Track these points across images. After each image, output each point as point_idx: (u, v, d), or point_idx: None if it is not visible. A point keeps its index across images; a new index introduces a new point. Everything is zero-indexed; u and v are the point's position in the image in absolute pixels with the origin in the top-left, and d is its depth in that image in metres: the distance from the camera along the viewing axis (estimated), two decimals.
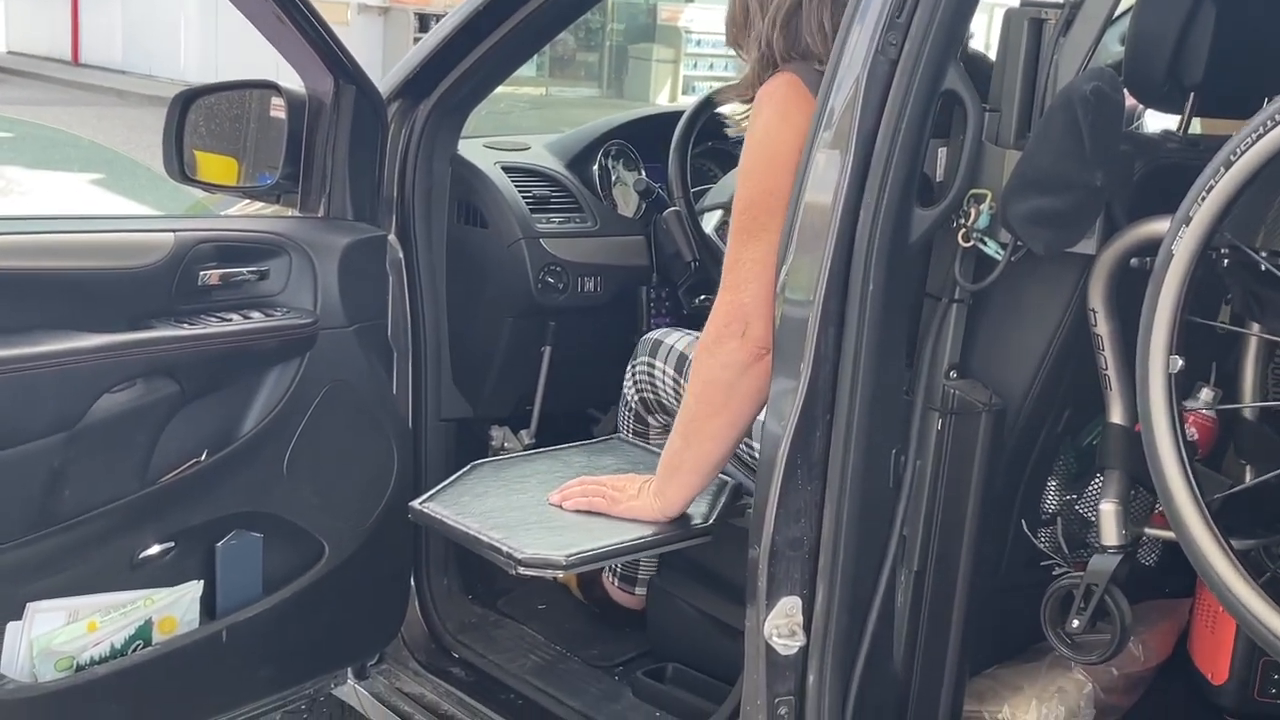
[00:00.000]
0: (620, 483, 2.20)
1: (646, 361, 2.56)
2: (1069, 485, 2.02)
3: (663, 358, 2.52)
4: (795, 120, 1.91)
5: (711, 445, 2.06)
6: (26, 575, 2.01)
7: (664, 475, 2.12)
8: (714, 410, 2.02)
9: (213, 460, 2.20)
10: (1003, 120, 1.81)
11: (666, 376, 2.51)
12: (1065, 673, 2.09)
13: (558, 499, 2.21)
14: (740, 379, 1.97)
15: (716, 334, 1.98)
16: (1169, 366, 1.54)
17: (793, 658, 1.81)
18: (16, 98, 15.41)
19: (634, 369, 2.60)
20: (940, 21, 1.70)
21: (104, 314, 2.06)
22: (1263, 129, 1.45)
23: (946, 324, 1.86)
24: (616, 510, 2.15)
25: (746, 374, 1.96)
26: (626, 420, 2.66)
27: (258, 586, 2.31)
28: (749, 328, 1.95)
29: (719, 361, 1.98)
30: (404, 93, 2.59)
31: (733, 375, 1.97)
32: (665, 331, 2.60)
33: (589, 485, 2.22)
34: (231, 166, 2.56)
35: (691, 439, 2.06)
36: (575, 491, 2.21)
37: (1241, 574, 1.52)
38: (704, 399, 2.03)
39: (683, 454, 2.08)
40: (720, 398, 2.00)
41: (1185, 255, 1.52)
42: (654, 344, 2.56)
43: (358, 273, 2.38)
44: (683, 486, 2.11)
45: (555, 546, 2.05)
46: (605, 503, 2.16)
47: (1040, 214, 1.71)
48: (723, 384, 1.99)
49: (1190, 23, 1.77)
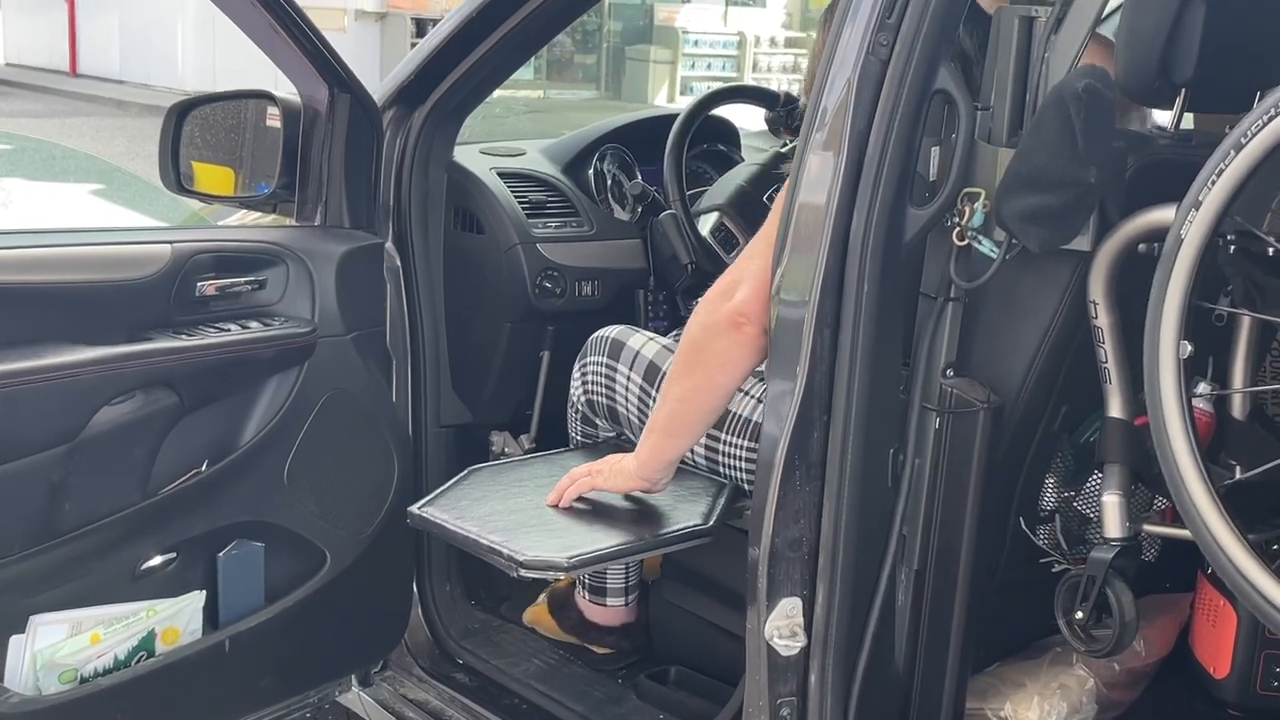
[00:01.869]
0: (605, 460, 2.21)
1: (604, 363, 2.52)
2: (1067, 482, 2.02)
3: (627, 363, 2.48)
4: None
5: (680, 406, 2.04)
6: (29, 588, 2.02)
7: (641, 440, 2.13)
8: (686, 370, 2.01)
9: (213, 470, 2.21)
10: (995, 118, 1.81)
11: (632, 385, 2.46)
12: (1067, 669, 2.09)
13: (553, 499, 2.20)
14: (713, 341, 1.95)
15: (706, 297, 1.98)
16: (1179, 353, 1.54)
17: (794, 658, 1.81)
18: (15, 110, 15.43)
19: (584, 368, 2.56)
20: (931, 21, 1.70)
21: (102, 326, 2.07)
22: (1274, 111, 1.45)
23: (942, 323, 1.86)
24: (599, 484, 2.17)
25: (721, 338, 1.94)
26: (574, 423, 2.64)
27: (260, 596, 2.32)
28: (735, 291, 1.92)
29: (698, 321, 1.98)
30: (399, 100, 2.59)
31: (708, 337, 1.95)
32: (623, 331, 2.54)
33: (576, 472, 2.22)
34: (228, 177, 2.56)
35: (665, 399, 2.06)
36: (564, 483, 2.21)
37: (1257, 560, 1.51)
38: (682, 357, 2.02)
39: (658, 414, 2.09)
40: (694, 356, 1.99)
41: (1195, 240, 1.52)
42: (613, 344, 2.52)
43: (355, 281, 2.39)
44: (655, 447, 2.10)
45: (556, 549, 2.04)
46: (590, 480, 2.18)
47: (1034, 212, 1.71)
48: (698, 343, 1.97)
49: (1180, 19, 1.77)
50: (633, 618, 2.65)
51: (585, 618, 2.65)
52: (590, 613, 2.65)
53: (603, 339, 2.54)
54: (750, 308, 1.89)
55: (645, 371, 2.44)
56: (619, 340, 2.51)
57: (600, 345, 2.53)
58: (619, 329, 2.55)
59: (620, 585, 2.61)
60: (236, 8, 2.29)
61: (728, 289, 1.94)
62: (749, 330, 1.90)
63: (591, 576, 2.61)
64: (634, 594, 2.63)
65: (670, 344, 2.44)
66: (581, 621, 2.66)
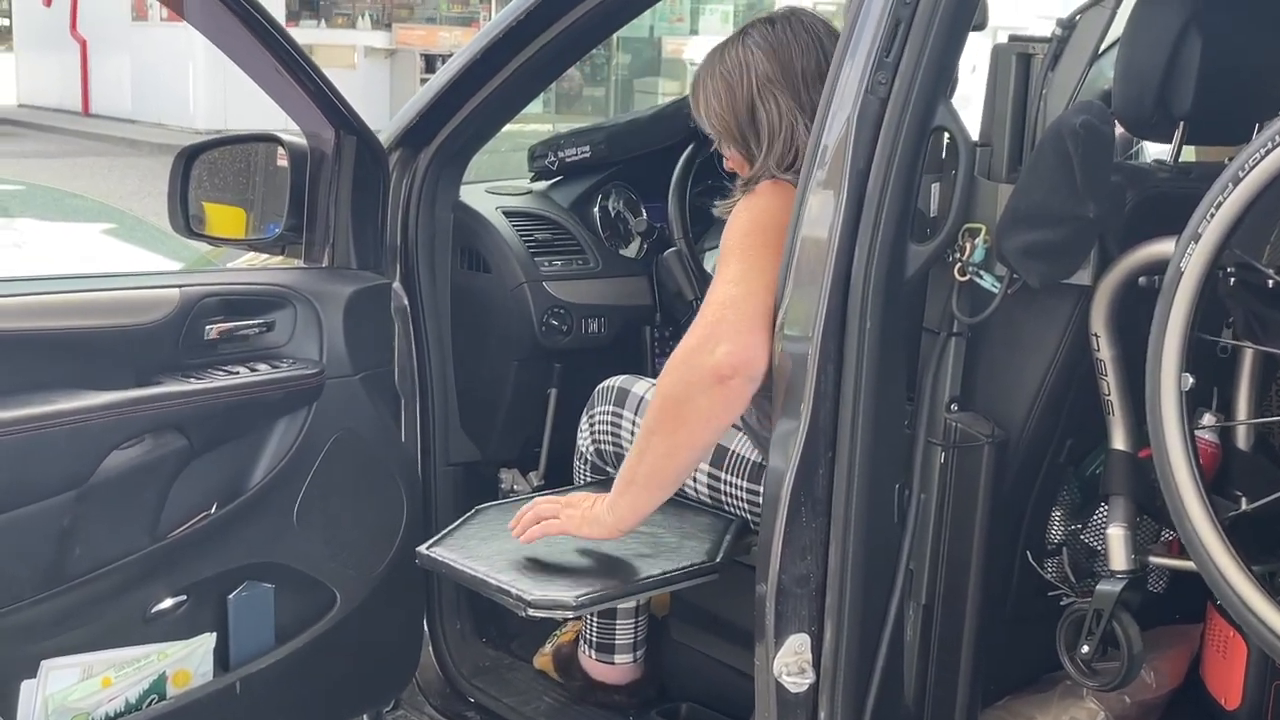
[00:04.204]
0: (575, 499, 2.15)
1: (611, 411, 2.50)
2: (1074, 515, 2.02)
3: (632, 408, 2.46)
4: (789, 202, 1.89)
5: (664, 462, 2.00)
6: (40, 633, 2.02)
7: (618, 489, 2.07)
8: (667, 429, 1.97)
9: (222, 513, 2.22)
10: (994, 155, 1.83)
11: (637, 428, 2.36)
12: (1078, 702, 2.08)
13: (517, 531, 2.15)
14: (697, 397, 1.91)
15: (684, 351, 1.93)
16: (1180, 385, 1.54)
17: (803, 695, 1.81)
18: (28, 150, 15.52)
19: (592, 418, 2.54)
20: (929, 59, 1.72)
21: (111, 371, 2.08)
22: (1271, 144, 1.46)
23: (945, 358, 1.87)
24: (570, 528, 2.10)
25: (705, 394, 1.90)
26: (582, 472, 2.60)
27: (271, 637, 2.32)
28: (716, 343, 1.88)
29: (679, 378, 1.93)
30: (404, 142, 2.61)
31: (691, 393, 1.91)
32: (628, 379, 2.53)
33: (542, 507, 2.15)
34: (240, 217, 2.58)
35: (645, 454, 2.01)
36: (528, 519, 2.14)
37: (1261, 591, 1.51)
38: (660, 413, 1.97)
39: (636, 467, 2.03)
40: (673, 415, 1.95)
41: (1195, 272, 1.53)
42: (619, 392, 2.50)
43: (363, 321, 2.40)
44: (634, 501, 2.05)
45: (564, 588, 2.04)
46: (559, 524, 2.11)
47: (1034, 247, 1.72)
48: (678, 400, 1.93)
49: (1177, 53, 1.79)
50: (640, 674, 2.57)
51: (591, 678, 2.58)
52: (596, 671, 2.57)
53: (609, 388, 2.53)
54: (735, 360, 1.87)
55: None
56: (624, 388, 2.50)
57: (607, 395, 2.52)
58: (624, 378, 2.54)
59: (629, 641, 2.54)
60: (242, 50, 2.31)
61: (705, 342, 1.90)
62: (735, 384, 1.88)
63: (599, 633, 2.54)
64: (642, 649, 2.56)
65: None
66: (588, 683, 2.58)
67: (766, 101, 2.08)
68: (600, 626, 2.53)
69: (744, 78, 2.10)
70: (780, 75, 2.08)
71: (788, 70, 2.08)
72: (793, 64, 2.08)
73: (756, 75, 2.09)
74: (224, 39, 2.35)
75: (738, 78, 2.10)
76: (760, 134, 2.10)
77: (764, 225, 1.97)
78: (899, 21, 1.72)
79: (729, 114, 2.13)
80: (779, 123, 2.07)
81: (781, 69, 2.08)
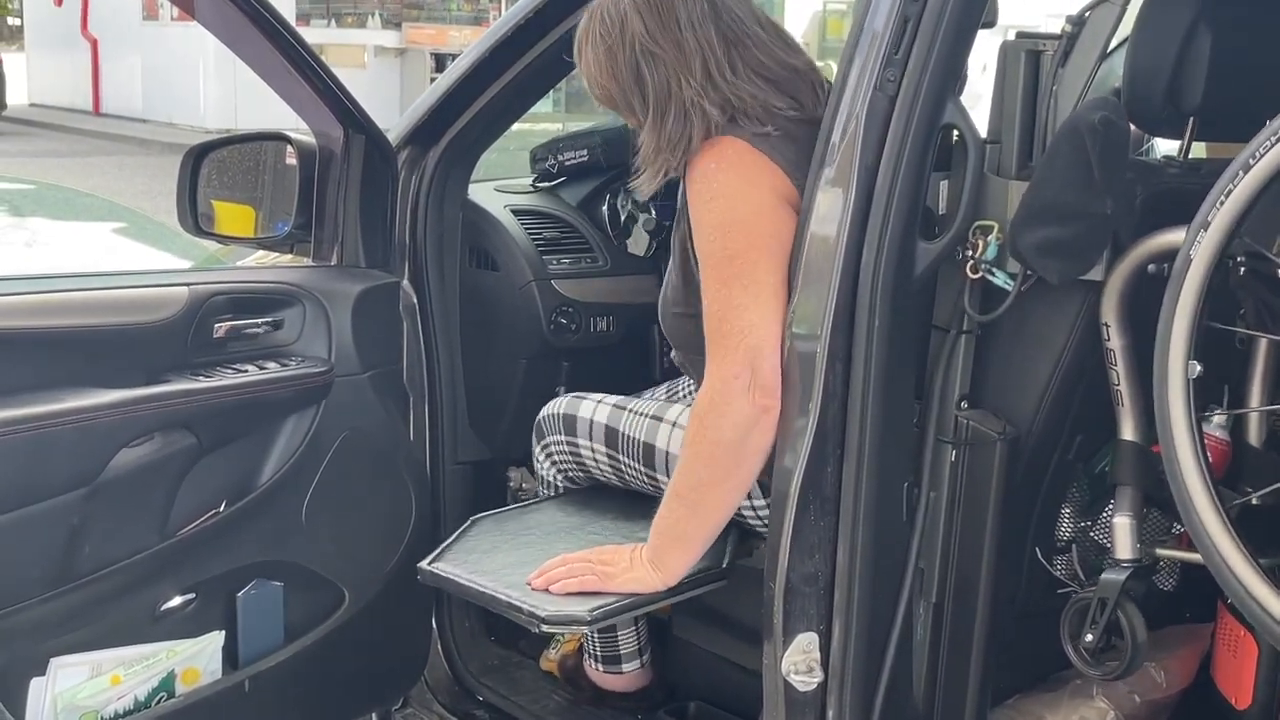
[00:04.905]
0: (608, 555, 2.05)
1: (565, 440, 2.41)
2: (1083, 512, 2.02)
3: (585, 434, 2.36)
4: (762, 184, 1.88)
5: (721, 514, 1.95)
6: (49, 631, 2.02)
7: (664, 545, 1.99)
8: (725, 474, 1.90)
9: (231, 511, 2.22)
10: (1004, 152, 1.82)
11: (599, 455, 2.34)
12: (1087, 701, 2.08)
13: (541, 583, 2.03)
14: (749, 436, 1.85)
15: (723, 390, 1.85)
16: (1188, 372, 1.54)
17: (811, 694, 1.81)
18: (39, 149, 15.57)
19: (547, 447, 2.45)
20: (937, 56, 1.71)
21: (121, 369, 2.08)
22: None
23: (956, 355, 1.87)
24: (613, 586, 2.00)
25: (755, 429, 1.84)
26: (544, 494, 2.52)
27: (279, 635, 2.32)
28: (756, 375, 1.83)
29: (729, 421, 1.85)
30: (413, 140, 2.61)
31: (740, 435, 1.85)
32: (570, 402, 2.42)
33: (575, 565, 2.04)
34: (249, 215, 2.58)
35: (699, 507, 1.94)
36: (560, 574, 2.03)
37: (1266, 582, 1.51)
38: (714, 463, 1.89)
39: (688, 522, 1.96)
40: (731, 460, 1.88)
41: (1204, 260, 1.53)
42: (565, 419, 2.40)
43: (371, 319, 2.40)
44: (685, 555, 1.98)
45: (575, 601, 1.99)
46: (598, 580, 2.00)
47: (1051, 244, 1.72)
48: (733, 444, 1.86)
49: (1187, 48, 1.78)
50: (650, 679, 2.52)
51: (600, 688, 2.53)
52: (605, 683, 2.52)
53: (555, 416, 2.43)
54: (775, 393, 1.83)
55: (606, 438, 2.33)
56: (569, 414, 2.40)
57: (555, 424, 2.43)
58: (566, 400, 2.44)
59: (634, 648, 2.48)
60: (251, 49, 2.31)
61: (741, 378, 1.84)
62: (775, 410, 1.84)
63: (602, 645, 2.49)
64: (647, 653, 2.51)
65: (619, 400, 2.37)
66: (597, 694, 2.54)
67: (649, 64, 1.96)
68: (603, 640, 2.48)
69: (623, 39, 1.97)
70: (659, 29, 1.95)
71: (667, 21, 1.95)
72: (675, 10, 1.95)
73: (635, 34, 1.96)
74: (234, 39, 2.35)
75: (616, 38, 1.98)
76: (647, 100, 1.99)
77: (744, 221, 1.88)
78: (908, 19, 1.72)
79: (611, 82, 2.02)
80: (666, 87, 1.96)
81: (661, 22, 1.95)
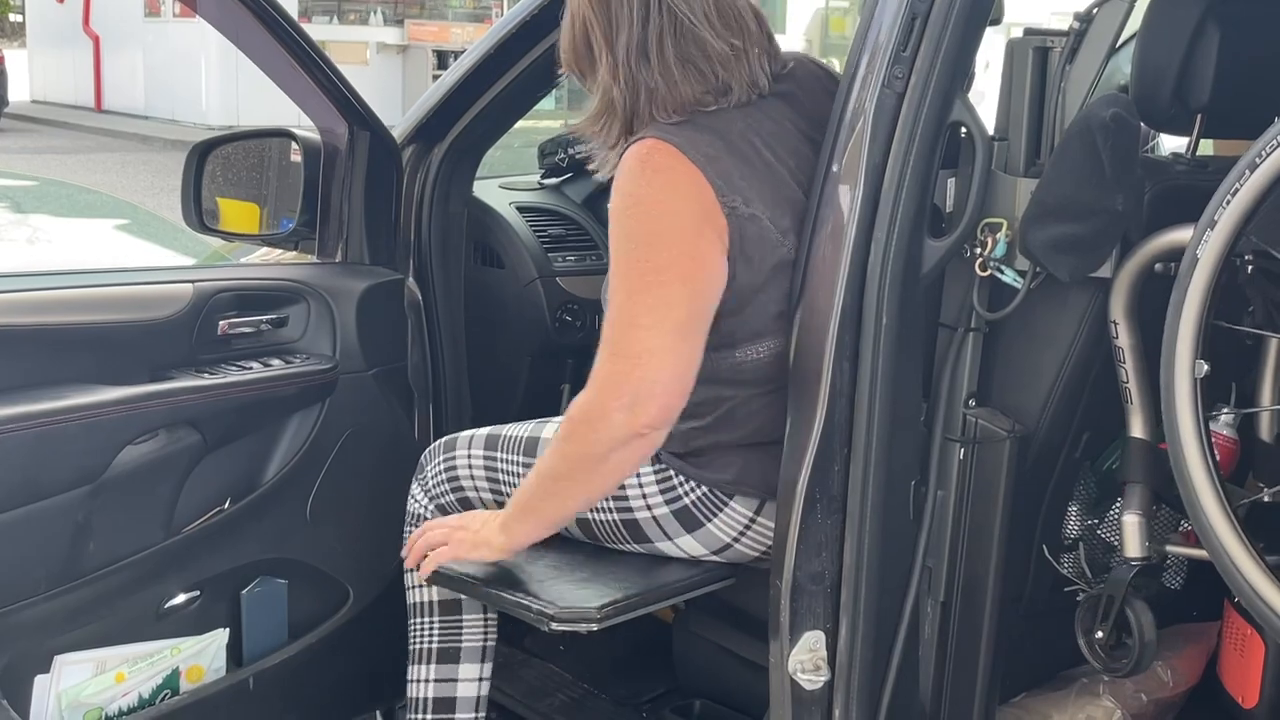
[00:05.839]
0: (467, 519, 2.04)
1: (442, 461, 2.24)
2: (1090, 510, 2.02)
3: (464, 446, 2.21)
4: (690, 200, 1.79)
5: (575, 505, 1.94)
6: (54, 628, 2.02)
7: (517, 514, 1.96)
8: (585, 480, 1.87)
9: (236, 508, 2.22)
10: (1011, 149, 1.82)
11: (474, 462, 2.20)
12: (1094, 700, 2.07)
13: (411, 563, 2.06)
14: (614, 453, 1.81)
15: (601, 409, 1.80)
16: (1194, 371, 1.53)
17: (818, 692, 1.81)
18: (42, 146, 15.58)
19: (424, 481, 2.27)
20: (946, 54, 1.71)
21: (126, 366, 2.08)
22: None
23: (964, 353, 1.86)
24: (462, 552, 1.99)
25: (626, 449, 1.80)
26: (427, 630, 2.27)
27: (284, 632, 2.32)
28: (638, 405, 1.76)
29: (602, 438, 1.80)
30: (418, 137, 2.61)
31: (610, 450, 1.81)
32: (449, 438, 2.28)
33: (432, 534, 2.04)
34: (253, 213, 2.58)
35: (554, 495, 1.92)
36: (419, 548, 2.04)
37: (1273, 580, 1.51)
38: (576, 468, 1.87)
39: (542, 501, 1.93)
40: (593, 469, 1.85)
41: (1211, 258, 1.52)
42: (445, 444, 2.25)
43: (376, 317, 2.40)
44: (534, 529, 1.96)
45: (584, 598, 1.96)
46: (451, 549, 2.00)
47: (1063, 240, 1.71)
48: (599, 459, 1.83)
49: (1194, 45, 1.78)
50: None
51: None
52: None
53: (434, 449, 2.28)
54: (661, 419, 1.78)
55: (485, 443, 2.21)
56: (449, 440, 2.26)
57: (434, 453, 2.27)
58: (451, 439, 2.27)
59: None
60: (256, 46, 2.31)
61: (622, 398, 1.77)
62: (656, 436, 1.80)
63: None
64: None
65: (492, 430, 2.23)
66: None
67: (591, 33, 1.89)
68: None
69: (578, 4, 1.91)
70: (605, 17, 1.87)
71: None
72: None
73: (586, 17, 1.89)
74: (237, 35, 2.35)
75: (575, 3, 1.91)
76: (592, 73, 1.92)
77: (665, 237, 1.80)
78: (915, 16, 1.71)
79: (570, 51, 1.95)
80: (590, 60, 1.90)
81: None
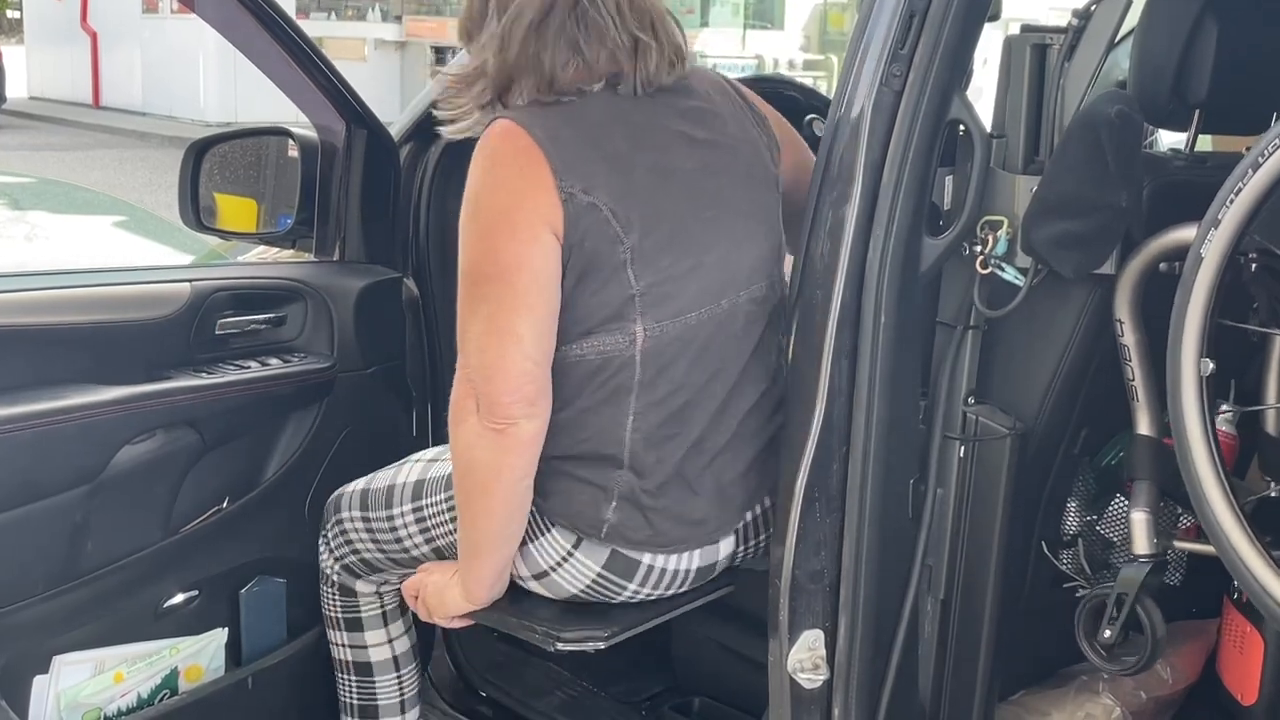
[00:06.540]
0: (431, 576, 1.98)
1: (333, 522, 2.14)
2: (1089, 506, 2.02)
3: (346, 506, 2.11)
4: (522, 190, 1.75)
5: (492, 522, 1.84)
6: (52, 628, 2.02)
7: (464, 559, 1.90)
8: (480, 488, 1.81)
9: (234, 507, 2.22)
10: (1010, 146, 1.82)
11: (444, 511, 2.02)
12: (1094, 697, 2.07)
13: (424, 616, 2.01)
14: (490, 454, 1.77)
15: (457, 407, 1.80)
16: (1200, 370, 1.54)
17: (817, 691, 1.80)
18: (39, 143, 15.56)
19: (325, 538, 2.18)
20: (944, 51, 1.70)
21: (123, 366, 2.07)
22: None
23: (963, 351, 1.86)
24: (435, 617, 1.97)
25: (492, 448, 1.76)
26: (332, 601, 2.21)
27: (283, 631, 2.32)
28: (484, 404, 1.75)
29: (464, 441, 1.79)
30: (416, 135, 2.60)
31: (486, 453, 1.77)
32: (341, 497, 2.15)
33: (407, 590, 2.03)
34: (251, 211, 2.58)
35: (478, 519, 1.85)
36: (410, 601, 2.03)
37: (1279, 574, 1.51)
38: (465, 475, 1.83)
39: (468, 533, 1.87)
40: (484, 474, 1.79)
41: (1215, 258, 1.52)
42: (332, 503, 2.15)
43: (374, 315, 2.39)
44: (483, 569, 1.88)
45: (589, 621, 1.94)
46: (424, 610, 1.98)
47: (1066, 237, 1.71)
48: (480, 462, 1.78)
49: (1193, 41, 1.78)
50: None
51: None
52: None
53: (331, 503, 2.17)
54: (512, 414, 1.74)
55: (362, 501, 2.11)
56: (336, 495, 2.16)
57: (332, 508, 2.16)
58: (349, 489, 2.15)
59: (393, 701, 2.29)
60: (253, 43, 2.31)
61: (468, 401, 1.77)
62: (514, 429, 1.74)
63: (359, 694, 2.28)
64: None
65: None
66: None
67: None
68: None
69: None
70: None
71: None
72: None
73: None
74: (234, 32, 2.34)
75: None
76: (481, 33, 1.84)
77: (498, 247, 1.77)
78: (913, 13, 1.71)
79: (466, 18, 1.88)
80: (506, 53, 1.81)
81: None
